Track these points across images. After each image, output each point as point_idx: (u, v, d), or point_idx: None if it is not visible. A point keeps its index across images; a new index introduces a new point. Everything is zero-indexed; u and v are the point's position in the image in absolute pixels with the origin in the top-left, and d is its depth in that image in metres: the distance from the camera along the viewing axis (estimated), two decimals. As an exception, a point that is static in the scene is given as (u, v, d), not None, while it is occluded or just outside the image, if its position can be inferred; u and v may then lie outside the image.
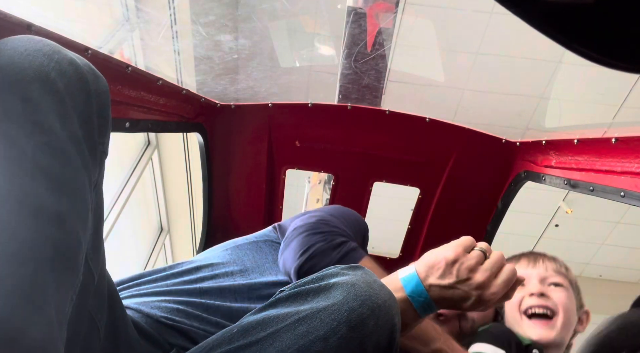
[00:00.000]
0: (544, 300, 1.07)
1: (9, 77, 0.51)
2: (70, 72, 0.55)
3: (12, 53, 0.53)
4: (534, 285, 1.10)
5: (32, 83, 0.52)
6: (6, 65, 0.51)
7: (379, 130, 1.53)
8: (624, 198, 0.95)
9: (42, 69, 0.53)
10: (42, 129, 0.51)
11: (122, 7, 3.07)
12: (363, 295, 0.59)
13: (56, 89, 0.53)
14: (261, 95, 1.80)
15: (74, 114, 0.55)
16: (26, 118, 0.51)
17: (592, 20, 0.39)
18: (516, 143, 1.46)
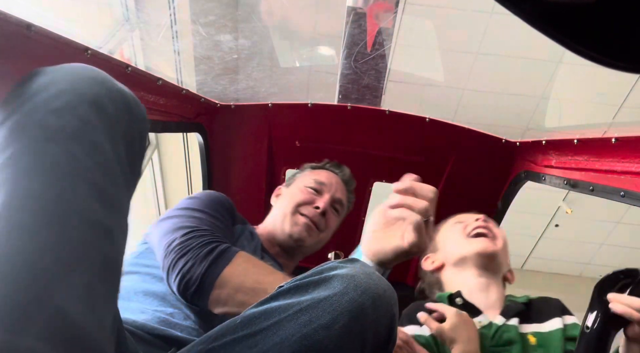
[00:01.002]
0: (486, 223, 1.20)
1: (71, 101, 0.56)
2: (118, 99, 0.61)
3: (72, 78, 0.58)
4: (475, 216, 1.24)
5: (90, 106, 0.57)
6: (69, 89, 0.57)
7: (379, 130, 1.54)
8: (624, 198, 0.95)
9: (97, 95, 0.58)
10: (97, 149, 0.56)
11: (122, 7, 3.07)
12: (363, 286, 0.61)
13: (108, 114, 0.58)
14: (261, 95, 1.80)
15: (120, 137, 0.60)
16: (85, 137, 0.55)
17: (592, 20, 0.39)
18: (516, 143, 1.46)
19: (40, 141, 0.52)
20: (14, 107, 0.56)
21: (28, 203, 0.49)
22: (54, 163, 0.52)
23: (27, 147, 0.52)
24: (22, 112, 0.55)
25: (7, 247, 0.46)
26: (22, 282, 0.45)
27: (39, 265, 0.47)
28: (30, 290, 0.45)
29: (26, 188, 0.50)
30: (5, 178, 0.50)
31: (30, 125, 0.53)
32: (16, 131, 0.53)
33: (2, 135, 0.53)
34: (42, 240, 0.48)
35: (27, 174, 0.50)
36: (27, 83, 0.58)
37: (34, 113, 0.54)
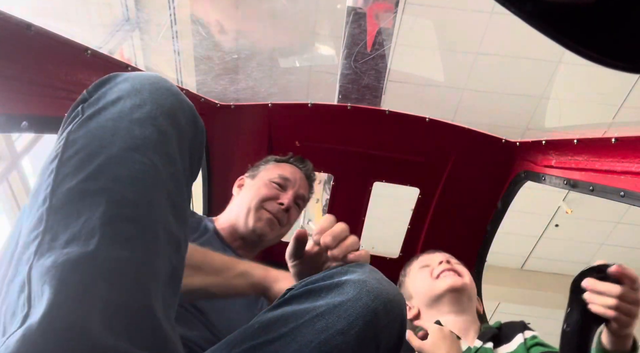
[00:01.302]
0: (451, 265, 1.24)
1: (151, 111, 0.58)
2: (188, 112, 0.63)
3: (151, 88, 0.60)
4: (439, 258, 1.28)
5: (167, 118, 0.59)
6: (149, 99, 0.59)
7: (379, 130, 1.53)
8: (624, 198, 0.95)
9: (172, 107, 0.60)
10: (171, 161, 0.58)
11: (122, 7, 3.07)
12: (375, 291, 0.62)
13: (180, 126, 0.61)
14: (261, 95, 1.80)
15: (187, 149, 0.62)
16: (162, 149, 0.57)
17: (592, 20, 0.39)
18: (516, 143, 1.46)
19: (128, 150, 0.54)
20: (98, 108, 0.57)
21: (127, 212, 0.51)
22: (141, 173, 0.54)
23: (117, 155, 0.53)
24: (107, 116, 0.56)
25: (115, 256, 0.48)
26: (131, 292, 0.48)
27: (142, 277, 0.50)
28: (137, 300, 0.48)
29: (123, 197, 0.51)
30: (102, 186, 0.51)
31: (118, 133, 0.54)
32: (104, 137, 0.54)
33: (89, 138, 0.54)
34: (141, 250, 0.50)
35: (120, 183, 0.52)
36: (107, 86, 0.60)
37: (119, 120, 0.56)
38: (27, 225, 0.51)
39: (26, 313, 0.45)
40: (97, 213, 0.49)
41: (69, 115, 0.59)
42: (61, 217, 0.50)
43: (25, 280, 0.47)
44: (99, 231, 0.49)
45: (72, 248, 0.47)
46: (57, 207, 0.50)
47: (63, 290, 0.44)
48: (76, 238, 0.48)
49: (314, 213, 3.55)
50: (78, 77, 0.94)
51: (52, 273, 0.45)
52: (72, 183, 0.51)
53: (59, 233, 0.49)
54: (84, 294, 0.45)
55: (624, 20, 0.40)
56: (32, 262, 0.47)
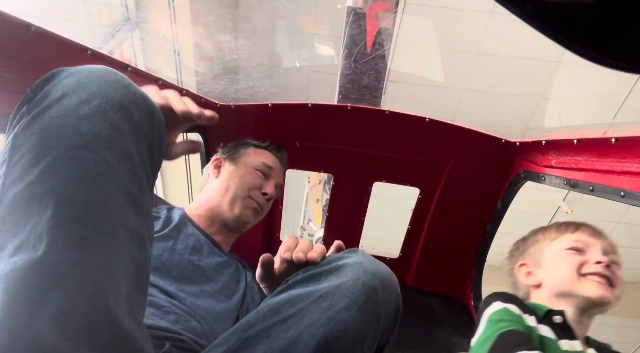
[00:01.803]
0: (610, 271, 1.04)
1: (100, 105, 0.55)
2: (141, 104, 0.60)
3: (99, 81, 0.57)
4: (599, 254, 1.06)
5: (118, 112, 0.56)
6: (97, 93, 0.56)
7: (379, 130, 1.53)
8: (624, 198, 0.95)
9: (123, 100, 0.58)
10: (126, 156, 0.56)
11: (122, 7, 3.07)
12: (371, 271, 0.68)
13: (133, 119, 0.58)
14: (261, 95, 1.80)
15: (143, 142, 0.60)
16: (115, 144, 0.55)
17: (592, 20, 0.39)
18: (516, 143, 1.46)
19: (76, 148, 0.51)
20: (42, 108, 0.54)
21: (77, 213, 0.49)
22: (92, 171, 0.52)
23: (64, 155, 0.51)
24: (51, 115, 0.53)
25: (66, 261, 0.47)
26: (86, 296, 0.46)
27: (97, 280, 0.48)
28: (93, 304, 0.47)
29: (72, 198, 0.49)
30: (49, 188, 0.49)
31: (64, 131, 0.52)
32: (49, 137, 0.52)
33: (35, 140, 0.52)
34: (96, 253, 0.49)
35: (70, 183, 0.50)
36: (51, 83, 0.57)
37: (65, 117, 0.53)
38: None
39: None
40: (44, 217, 0.47)
41: (15, 117, 0.56)
42: (9, 225, 0.48)
43: None
44: (47, 235, 0.46)
45: (19, 256, 0.45)
46: (4, 216, 0.49)
47: (11, 301, 0.43)
48: (24, 245, 0.46)
49: (314, 214, 3.55)
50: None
51: (1, 285, 0.44)
52: (18, 188, 0.49)
53: (7, 242, 0.47)
54: (33, 303, 0.44)
55: (624, 20, 0.40)
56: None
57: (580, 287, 1.02)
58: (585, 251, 1.07)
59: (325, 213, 1.81)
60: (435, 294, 1.72)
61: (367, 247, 1.84)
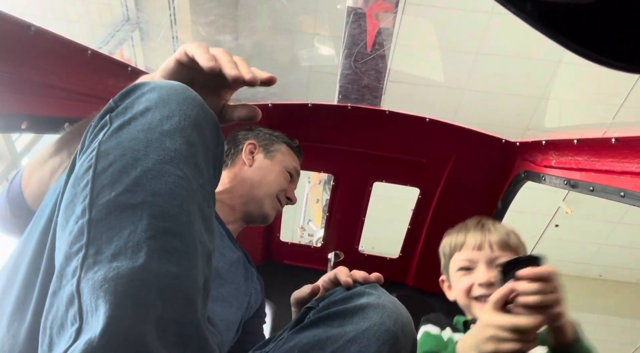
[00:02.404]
0: (491, 289, 1.08)
1: (180, 122, 0.58)
2: (211, 121, 0.63)
3: (178, 98, 0.60)
4: (482, 272, 1.11)
5: (194, 129, 0.59)
6: (177, 110, 0.59)
7: (379, 130, 1.53)
8: (624, 198, 0.95)
9: (198, 117, 0.60)
10: (199, 171, 0.58)
11: (122, 8, 3.07)
12: (394, 316, 0.71)
13: (205, 136, 0.61)
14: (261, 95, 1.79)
15: (211, 158, 0.63)
16: (191, 160, 0.57)
17: (592, 20, 0.39)
18: (516, 143, 1.46)
19: (162, 163, 0.54)
20: (127, 119, 0.57)
21: (169, 226, 0.52)
22: (177, 186, 0.54)
23: (152, 168, 0.54)
24: (137, 127, 0.56)
25: (165, 271, 0.49)
26: (181, 307, 0.49)
27: (190, 292, 0.51)
28: (186, 315, 0.50)
29: (163, 211, 0.52)
30: (142, 199, 0.52)
31: (150, 145, 0.55)
32: (137, 149, 0.55)
33: (122, 149, 0.55)
34: (187, 265, 0.51)
35: (159, 196, 0.53)
36: (134, 95, 0.60)
37: (150, 132, 0.56)
38: (66, 238, 0.51)
39: (79, 326, 0.45)
40: (140, 227, 0.50)
41: (96, 125, 0.58)
42: (103, 230, 0.50)
43: (74, 294, 0.47)
44: (145, 245, 0.49)
45: (120, 262, 0.47)
46: (97, 220, 0.50)
47: (119, 305, 0.45)
48: (122, 253, 0.48)
49: (314, 214, 3.55)
50: (78, 77, 0.94)
51: (104, 287, 0.46)
52: (110, 195, 0.51)
53: (103, 247, 0.49)
54: (140, 309, 0.46)
55: (624, 20, 0.40)
56: (80, 276, 0.47)
57: (472, 310, 1.11)
58: (474, 268, 1.13)
59: (325, 213, 1.81)
60: (435, 294, 1.72)
61: (367, 247, 1.84)
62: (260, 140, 1.35)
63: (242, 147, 1.33)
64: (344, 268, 0.84)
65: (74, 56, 0.91)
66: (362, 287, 0.77)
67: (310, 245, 1.91)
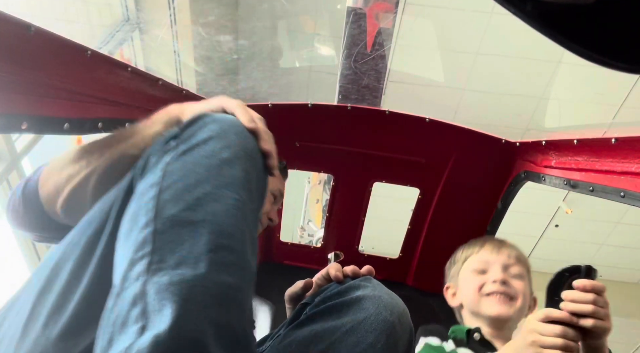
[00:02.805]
0: (505, 287, 1.13)
1: (237, 152, 0.65)
2: (261, 155, 0.70)
3: (236, 131, 0.67)
4: (497, 272, 1.15)
5: (248, 160, 0.66)
6: (235, 142, 0.66)
7: (379, 131, 1.53)
8: (624, 198, 0.95)
9: (253, 150, 0.68)
10: (252, 198, 0.64)
11: (122, 8, 3.06)
12: (390, 306, 0.72)
13: (257, 167, 0.68)
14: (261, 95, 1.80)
15: (261, 186, 0.69)
16: (246, 187, 0.64)
17: (592, 21, 0.39)
18: (516, 143, 1.46)
19: (221, 187, 0.61)
20: (192, 145, 0.64)
21: (227, 243, 0.57)
22: (233, 208, 0.60)
23: (212, 191, 0.60)
24: (200, 153, 0.63)
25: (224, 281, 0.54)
26: (236, 316, 0.54)
27: (244, 303, 0.56)
28: (240, 324, 0.55)
29: (222, 229, 0.58)
30: (202, 218, 0.57)
31: (211, 170, 0.62)
32: (199, 172, 0.61)
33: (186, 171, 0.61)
34: (239, 278, 0.56)
35: (218, 216, 0.58)
36: (197, 125, 0.67)
37: (211, 158, 0.63)
38: (130, 245, 0.56)
39: (143, 324, 0.49)
40: (201, 242, 0.55)
41: (161, 149, 0.65)
42: (166, 241, 0.55)
43: (139, 295, 0.51)
44: (205, 257, 0.54)
45: (183, 270, 0.52)
46: (161, 232, 0.56)
47: (184, 306, 0.49)
48: (184, 262, 0.53)
49: (314, 214, 3.55)
50: (78, 77, 0.94)
51: (170, 290, 0.50)
52: (173, 211, 0.57)
53: (167, 256, 0.54)
54: (202, 311, 0.50)
55: (624, 20, 0.40)
56: (145, 279, 0.52)
57: (482, 306, 1.13)
58: (487, 270, 1.16)
59: (325, 213, 1.81)
60: (435, 294, 1.72)
61: (367, 247, 1.84)
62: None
63: None
64: (337, 264, 0.86)
65: (74, 56, 0.91)
66: (357, 280, 0.78)
67: (310, 246, 1.91)
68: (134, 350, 0.47)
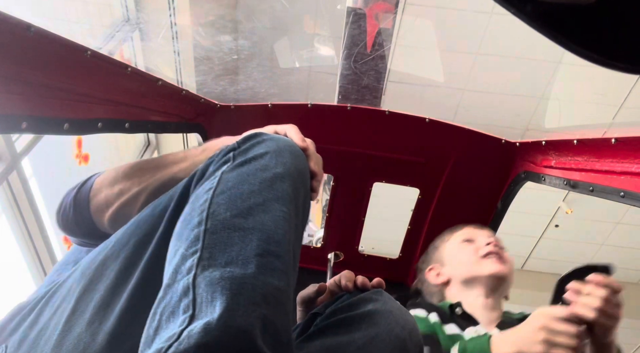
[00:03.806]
0: (498, 248, 1.20)
1: (289, 169, 0.68)
2: (308, 174, 0.75)
3: (290, 150, 0.71)
4: (486, 237, 1.23)
5: (298, 177, 0.70)
6: (288, 160, 0.70)
7: (379, 131, 1.53)
8: (624, 198, 0.95)
9: (304, 170, 0.73)
10: (297, 213, 0.68)
11: (122, 8, 3.07)
12: (402, 322, 0.73)
13: (306, 186, 0.72)
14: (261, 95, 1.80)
15: (308, 204, 0.73)
16: (294, 202, 0.67)
17: (592, 21, 0.39)
18: (516, 143, 1.46)
19: (272, 200, 0.64)
20: (248, 158, 0.68)
21: (274, 249, 0.60)
22: (282, 220, 0.63)
23: (263, 203, 0.63)
24: (256, 166, 0.67)
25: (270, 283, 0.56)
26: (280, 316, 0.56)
27: (288, 306, 0.59)
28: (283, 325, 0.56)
29: (270, 237, 0.60)
30: (252, 225, 0.60)
31: (264, 183, 0.65)
32: (253, 183, 0.65)
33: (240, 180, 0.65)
34: (285, 282, 0.59)
35: (267, 225, 0.61)
36: (255, 140, 0.71)
37: (265, 171, 0.66)
38: (183, 242, 0.59)
39: (191, 314, 0.51)
40: (250, 246, 0.58)
41: (219, 160, 0.69)
42: (216, 241, 0.58)
43: (190, 287, 0.53)
44: (254, 260, 0.56)
45: (232, 269, 0.55)
46: (212, 232, 0.58)
47: (235, 300, 0.52)
48: (234, 262, 0.55)
49: (314, 214, 3.55)
50: (78, 78, 0.94)
51: (222, 283, 0.53)
52: (225, 214, 0.60)
53: (217, 255, 0.56)
54: (250, 306, 0.52)
55: (624, 21, 0.40)
56: (196, 272, 0.54)
57: (481, 268, 1.17)
58: (475, 240, 1.24)
59: (325, 213, 1.81)
60: (435, 294, 1.72)
61: (367, 247, 1.84)
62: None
63: None
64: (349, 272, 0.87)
65: (74, 56, 0.91)
66: (368, 292, 0.78)
67: (310, 246, 1.91)
68: (184, 335, 0.49)
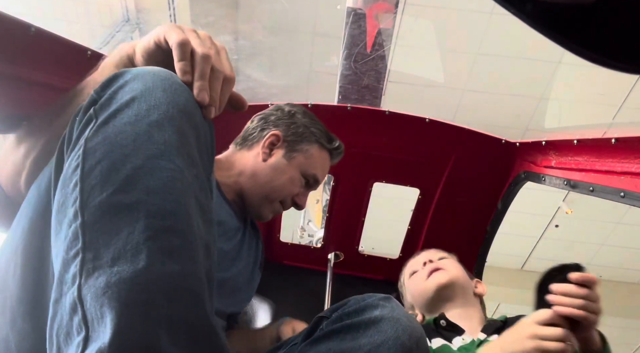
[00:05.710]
0: (432, 264, 1.27)
1: (168, 111, 0.54)
2: (198, 105, 0.60)
3: (163, 85, 0.56)
4: (421, 260, 1.31)
5: (183, 117, 0.55)
6: (164, 99, 0.55)
7: (379, 131, 1.53)
8: (624, 198, 0.95)
9: (187, 104, 0.57)
10: (193, 162, 0.55)
11: (122, 8, 3.07)
12: (408, 330, 0.69)
13: (196, 123, 0.57)
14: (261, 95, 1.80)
15: (202, 145, 0.59)
16: (183, 151, 0.54)
17: (592, 21, 0.39)
18: (516, 143, 1.46)
19: (153, 158, 0.51)
20: (112, 112, 0.54)
21: (167, 224, 0.50)
22: (171, 180, 0.51)
23: (143, 165, 0.51)
24: (123, 120, 0.53)
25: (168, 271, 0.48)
26: (190, 307, 0.48)
27: (196, 289, 0.50)
28: (197, 314, 0.48)
29: (160, 208, 0.50)
30: (136, 199, 0.49)
31: (139, 139, 0.52)
32: (125, 145, 0.52)
33: (109, 146, 0.52)
34: (189, 262, 0.50)
35: (154, 194, 0.50)
36: (116, 85, 0.56)
37: (137, 124, 0.53)
38: (62, 243, 0.49)
39: (85, 335, 0.44)
40: (138, 228, 0.48)
41: (81, 120, 0.55)
42: (99, 233, 0.48)
43: (76, 301, 0.46)
44: (144, 246, 0.47)
45: (121, 267, 0.46)
46: (91, 223, 0.48)
47: (126, 311, 0.44)
48: (122, 256, 0.46)
49: (314, 214, 3.54)
50: (78, 78, 0.94)
51: (108, 294, 0.44)
52: (102, 196, 0.49)
53: (101, 251, 0.47)
54: (148, 312, 0.45)
55: (624, 21, 0.40)
56: (80, 282, 0.46)
57: (426, 288, 1.23)
58: (417, 268, 1.31)
59: (325, 213, 1.81)
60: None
61: (367, 247, 1.84)
62: (288, 134, 1.17)
63: (266, 135, 1.17)
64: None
65: (74, 57, 0.91)
66: (375, 298, 0.75)
67: (310, 246, 1.91)
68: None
